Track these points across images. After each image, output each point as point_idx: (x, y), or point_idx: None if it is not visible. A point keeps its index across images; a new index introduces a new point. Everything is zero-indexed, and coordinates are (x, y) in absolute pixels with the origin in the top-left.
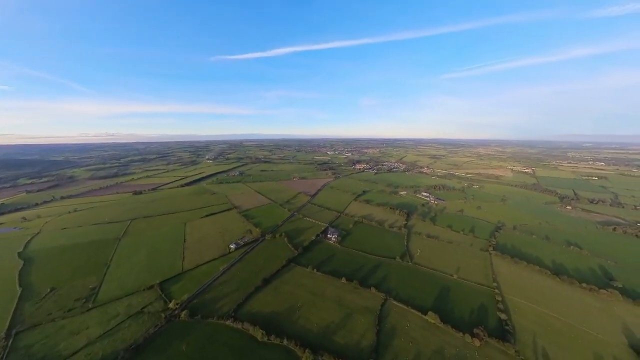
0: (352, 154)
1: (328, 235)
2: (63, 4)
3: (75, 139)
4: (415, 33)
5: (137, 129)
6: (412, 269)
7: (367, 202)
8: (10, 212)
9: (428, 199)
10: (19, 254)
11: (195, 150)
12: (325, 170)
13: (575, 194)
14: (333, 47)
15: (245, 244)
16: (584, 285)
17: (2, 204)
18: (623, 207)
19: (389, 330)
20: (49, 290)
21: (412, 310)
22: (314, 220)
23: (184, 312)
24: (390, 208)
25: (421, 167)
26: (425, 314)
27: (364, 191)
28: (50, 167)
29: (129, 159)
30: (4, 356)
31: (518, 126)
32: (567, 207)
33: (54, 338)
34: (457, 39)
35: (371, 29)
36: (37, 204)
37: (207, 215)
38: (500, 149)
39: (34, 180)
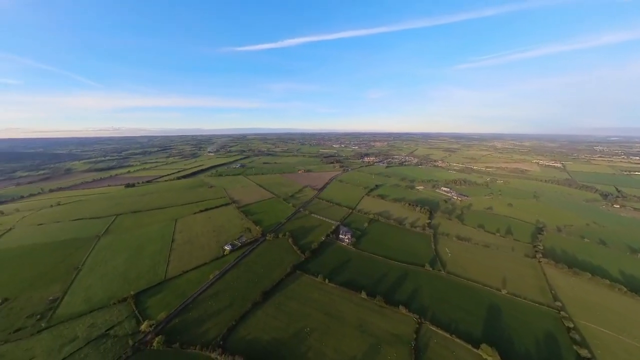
0: (359, 147)
1: (340, 236)
2: None
3: (81, 132)
4: (432, 20)
5: (141, 123)
6: (447, 281)
7: (382, 197)
8: None
9: (449, 194)
10: None
11: (197, 143)
12: (332, 163)
13: (618, 190)
14: (344, 37)
15: (243, 245)
16: None
17: None
18: None
19: None
20: (0, 301)
21: (458, 341)
22: (322, 218)
23: (158, 338)
24: (409, 204)
25: (435, 161)
26: (477, 347)
27: (376, 185)
28: (50, 160)
29: (130, 152)
30: None
31: (534, 119)
32: (615, 206)
33: None
34: (476, 25)
35: (385, 17)
36: (22, 197)
37: (201, 211)
38: (518, 143)
39: (31, 172)
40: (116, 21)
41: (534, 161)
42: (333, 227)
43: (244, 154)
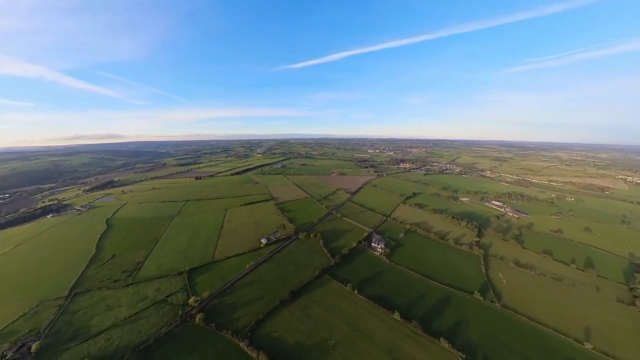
0: (394, 153)
1: (372, 244)
2: (172, 40)
3: (175, 137)
4: (481, 23)
5: (212, 130)
6: (502, 316)
7: (420, 206)
8: (118, 186)
9: (503, 209)
10: (107, 219)
11: (250, 146)
12: (367, 167)
13: None
14: (386, 47)
15: (277, 241)
16: None
17: (116, 179)
18: None
19: None
20: (110, 256)
21: None
22: (354, 222)
23: (199, 315)
24: (452, 217)
25: (482, 170)
26: None
27: (414, 193)
28: (155, 157)
29: (202, 152)
30: (57, 316)
31: (611, 126)
32: None
33: (94, 309)
34: (535, 25)
35: (430, 24)
36: (135, 182)
37: (246, 204)
38: (591, 154)
39: (144, 165)
40: (202, 53)
41: (619, 177)
42: (365, 233)
43: (286, 155)
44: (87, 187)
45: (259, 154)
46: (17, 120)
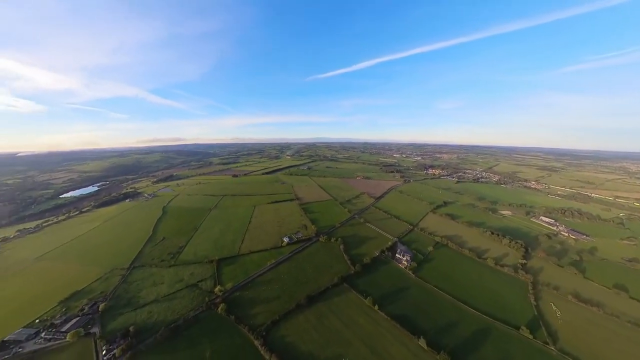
0: (422, 158)
1: (397, 255)
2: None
3: (221, 140)
4: (529, 21)
5: (250, 134)
6: None
7: (452, 217)
8: (175, 179)
9: (555, 228)
10: (163, 207)
11: (280, 149)
12: (392, 172)
13: None
14: (417, 52)
15: (298, 241)
16: None
17: (175, 174)
18: None
19: None
20: (162, 238)
21: None
22: (378, 230)
23: (222, 305)
24: (491, 232)
25: (526, 181)
26: None
27: (444, 202)
28: (205, 156)
29: (241, 153)
30: (120, 284)
31: None
32: None
33: (143, 283)
34: (596, 18)
35: (466, 27)
36: (187, 177)
37: (272, 202)
38: None
39: (196, 162)
40: (247, 69)
41: None
42: (389, 243)
43: (312, 158)
44: (155, 179)
45: (289, 155)
46: (118, 128)
